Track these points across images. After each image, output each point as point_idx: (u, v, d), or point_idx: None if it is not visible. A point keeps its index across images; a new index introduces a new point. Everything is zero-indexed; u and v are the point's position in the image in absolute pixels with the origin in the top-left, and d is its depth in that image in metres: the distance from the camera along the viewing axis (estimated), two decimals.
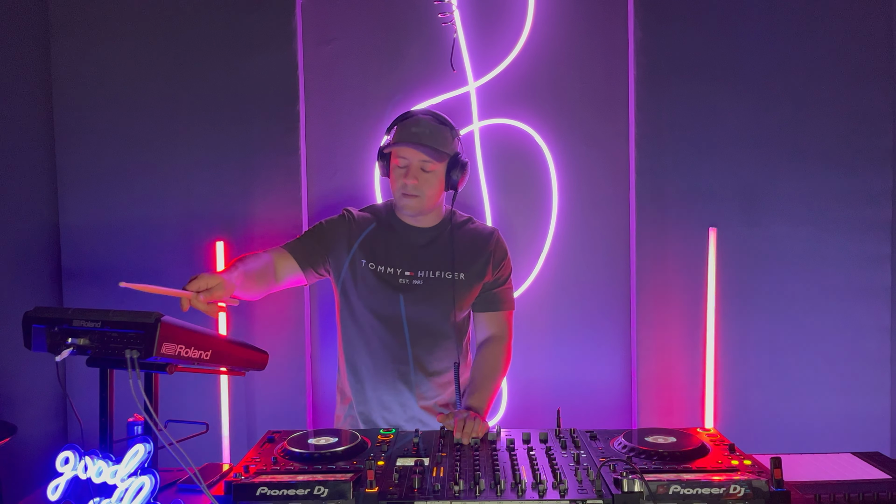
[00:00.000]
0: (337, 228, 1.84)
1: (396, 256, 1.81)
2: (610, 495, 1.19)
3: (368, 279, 1.79)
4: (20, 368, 2.34)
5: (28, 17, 2.49)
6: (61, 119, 2.55)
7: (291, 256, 1.78)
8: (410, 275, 1.79)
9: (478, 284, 1.84)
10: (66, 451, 1.23)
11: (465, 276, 1.81)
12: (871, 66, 2.50)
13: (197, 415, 2.50)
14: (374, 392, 1.82)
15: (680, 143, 2.52)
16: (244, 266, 1.60)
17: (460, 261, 1.81)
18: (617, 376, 2.63)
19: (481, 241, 1.85)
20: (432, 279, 1.80)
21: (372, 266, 1.79)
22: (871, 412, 2.53)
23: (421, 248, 1.83)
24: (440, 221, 1.86)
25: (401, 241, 1.83)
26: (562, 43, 2.57)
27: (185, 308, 1.38)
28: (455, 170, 1.78)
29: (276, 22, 2.52)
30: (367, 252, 1.81)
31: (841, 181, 2.51)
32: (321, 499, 1.19)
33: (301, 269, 1.78)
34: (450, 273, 1.80)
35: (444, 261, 1.81)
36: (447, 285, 1.80)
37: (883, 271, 2.52)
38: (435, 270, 1.80)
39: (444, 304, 1.80)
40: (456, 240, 1.83)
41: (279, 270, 1.75)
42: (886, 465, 1.46)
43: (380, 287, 1.78)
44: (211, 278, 1.40)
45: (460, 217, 1.90)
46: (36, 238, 2.51)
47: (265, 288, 1.72)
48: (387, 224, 1.86)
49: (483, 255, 1.84)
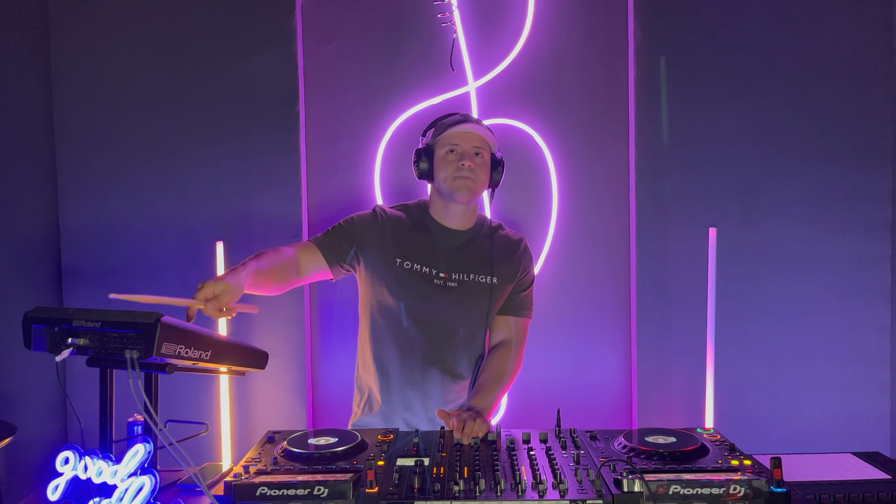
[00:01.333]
0: (368, 225, 1.83)
1: (431, 256, 1.80)
2: (610, 495, 1.19)
3: (402, 277, 1.78)
4: (20, 368, 2.34)
5: (28, 17, 2.49)
6: (61, 119, 2.55)
7: (318, 251, 1.77)
8: (445, 276, 1.79)
9: (507, 290, 1.86)
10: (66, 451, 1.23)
11: (497, 280, 1.82)
12: (871, 66, 2.50)
13: (197, 415, 2.50)
14: (399, 391, 1.81)
15: (680, 143, 2.52)
16: (257, 264, 1.59)
17: (494, 265, 1.83)
18: (617, 376, 2.63)
19: (512, 247, 1.88)
20: (467, 282, 1.80)
21: (408, 265, 1.78)
22: (871, 412, 2.53)
23: (456, 251, 1.83)
24: (474, 225, 1.87)
25: (435, 241, 1.83)
26: (562, 43, 2.57)
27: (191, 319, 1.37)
28: (498, 165, 1.83)
29: (276, 22, 2.52)
30: (402, 250, 1.80)
31: (841, 181, 2.51)
32: (321, 499, 1.19)
33: (328, 265, 1.78)
34: (484, 277, 1.81)
35: (479, 264, 1.82)
36: (482, 289, 1.80)
37: (883, 271, 2.52)
38: (470, 273, 1.81)
39: (477, 307, 1.80)
40: (489, 244, 1.85)
41: (303, 265, 1.74)
42: (886, 465, 1.46)
43: (414, 286, 1.77)
44: (217, 285, 1.40)
45: (491, 222, 1.91)
46: (36, 238, 2.51)
47: (286, 283, 1.71)
48: (420, 223, 1.85)
49: (514, 262, 1.87)
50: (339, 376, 2.62)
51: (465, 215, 1.84)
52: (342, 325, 2.62)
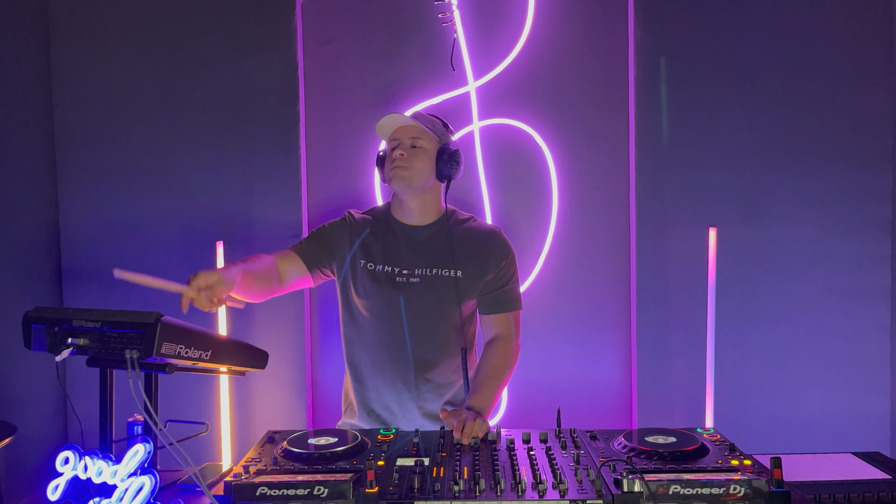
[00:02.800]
0: (339, 230, 1.87)
1: (393, 255, 1.82)
2: (610, 495, 1.19)
3: (367, 279, 1.80)
4: (20, 368, 2.34)
5: (28, 17, 2.49)
6: (61, 119, 2.55)
7: (299, 258, 1.80)
8: (408, 273, 1.80)
9: (478, 282, 1.83)
10: (66, 451, 1.23)
11: (462, 272, 1.81)
12: (871, 66, 2.50)
13: (197, 415, 2.50)
14: (375, 393, 1.82)
15: (680, 143, 2.52)
16: (245, 265, 1.62)
17: (458, 257, 1.81)
18: (617, 376, 2.63)
19: (481, 239, 1.86)
20: (429, 276, 1.80)
21: (371, 266, 1.80)
22: (871, 412, 2.53)
23: (418, 246, 1.83)
24: (437, 219, 1.87)
25: (398, 240, 1.84)
26: (562, 43, 2.57)
27: (185, 309, 1.38)
28: (445, 154, 1.80)
29: (276, 22, 2.52)
30: (366, 252, 1.82)
31: (841, 181, 2.51)
32: (321, 499, 1.19)
33: (308, 271, 1.81)
34: (447, 270, 1.80)
35: (441, 257, 1.81)
36: (445, 282, 1.80)
37: (883, 271, 2.52)
38: (432, 268, 1.81)
39: (443, 301, 1.80)
40: (453, 236, 1.84)
41: (284, 272, 1.77)
42: (886, 465, 1.46)
43: (378, 286, 1.79)
44: (210, 275, 1.42)
45: (461, 215, 1.91)
46: (36, 238, 2.51)
47: (268, 290, 1.73)
48: (384, 224, 1.87)
49: (482, 253, 1.84)
50: (339, 376, 2.62)
51: (424, 210, 1.85)
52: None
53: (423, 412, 1.83)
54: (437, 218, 1.87)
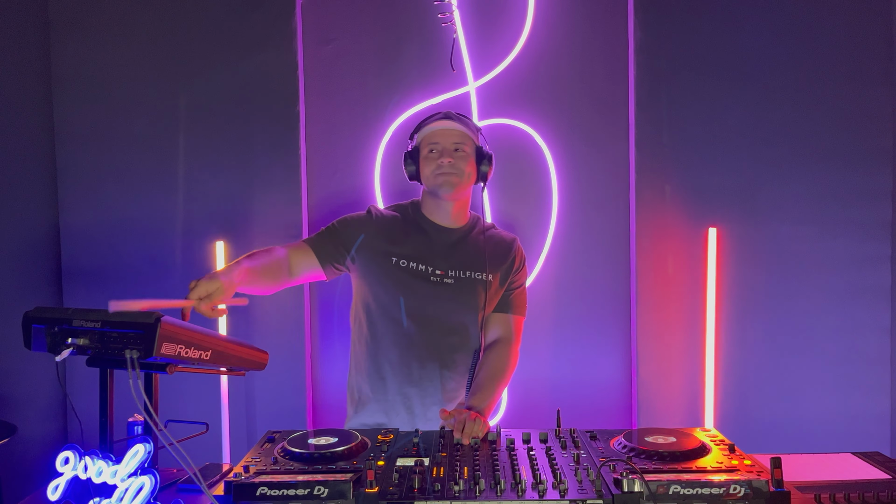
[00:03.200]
0: (361, 226, 1.84)
1: (426, 254, 1.81)
2: (610, 495, 1.19)
3: (398, 275, 1.78)
4: (20, 368, 2.34)
5: (28, 17, 2.49)
6: (61, 119, 2.55)
7: (312, 252, 1.78)
8: (441, 273, 1.80)
9: (502, 288, 1.87)
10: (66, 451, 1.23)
11: (492, 277, 1.84)
12: (871, 66, 2.50)
13: (197, 415, 2.49)
14: (398, 389, 1.81)
15: (680, 143, 2.52)
16: (251, 262, 1.60)
17: (488, 262, 1.84)
18: (617, 376, 2.63)
19: (505, 247, 1.90)
20: (463, 278, 1.81)
21: (403, 263, 1.79)
22: (871, 412, 2.53)
23: (450, 247, 1.84)
24: (467, 223, 1.89)
25: (430, 239, 1.84)
26: (562, 43, 2.57)
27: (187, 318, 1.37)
28: (484, 159, 1.84)
29: (276, 22, 2.52)
30: (397, 249, 1.81)
31: (841, 181, 2.51)
32: (321, 499, 1.19)
33: (321, 265, 1.79)
34: (479, 273, 1.82)
35: (474, 261, 1.83)
36: (477, 285, 1.82)
37: (883, 271, 2.52)
38: (466, 270, 1.82)
39: (472, 302, 1.82)
40: (483, 241, 1.86)
41: (295, 265, 1.75)
42: (886, 465, 1.46)
43: (411, 283, 1.78)
44: (209, 283, 1.40)
45: (485, 222, 1.94)
46: (36, 238, 2.51)
47: (277, 283, 1.71)
48: (414, 222, 1.87)
49: (507, 260, 1.87)
50: (339, 376, 2.62)
51: (457, 212, 1.86)
52: (342, 325, 2.62)
53: None
54: (467, 221, 1.90)
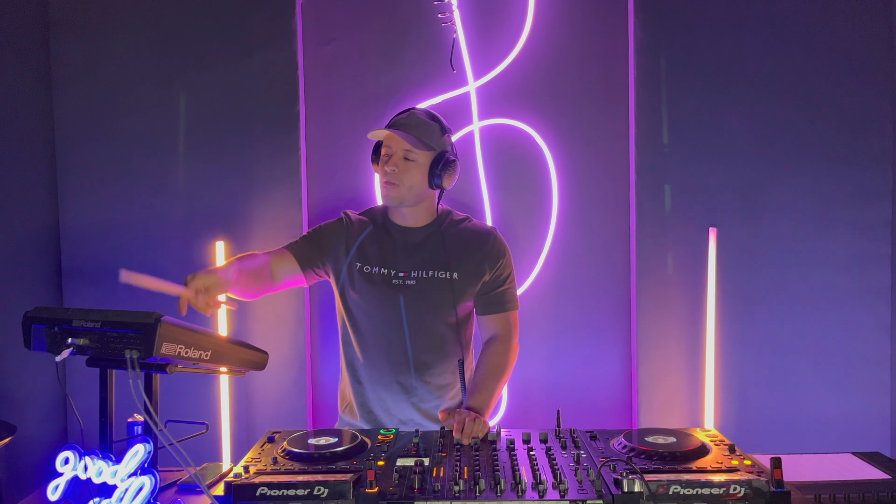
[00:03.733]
0: (335, 231, 1.86)
1: (390, 258, 1.81)
2: (610, 495, 1.19)
3: (363, 282, 1.80)
4: (20, 368, 2.34)
5: (28, 16, 2.49)
6: (61, 119, 2.55)
7: (293, 257, 1.80)
8: (404, 275, 1.80)
9: (475, 284, 1.83)
10: (66, 451, 1.23)
11: (458, 274, 1.81)
12: (871, 66, 2.50)
13: (197, 415, 2.50)
14: (374, 394, 1.83)
15: (680, 143, 2.52)
16: (240, 264, 1.63)
17: (453, 259, 1.81)
18: (617, 376, 2.63)
19: (477, 240, 1.85)
20: (425, 279, 1.80)
21: (367, 269, 1.81)
22: (871, 412, 2.53)
23: (413, 248, 1.83)
24: (432, 221, 1.86)
25: (394, 242, 1.84)
26: (562, 43, 2.57)
27: (183, 311, 1.38)
28: (439, 166, 1.77)
29: (276, 22, 2.52)
30: (362, 255, 1.82)
31: (841, 181, 2.51)
32: (321, 499, 1.19)
33: (301, 270, 1.81)
34: (443, 272, 1.80)
35: (436, 260, 1.81)
36: (441, 284, 1.80)
37: (883, 271, 2.52)
38: (428, 270, 1.81)
39: (439, 303, 1.80)
40: (448, 238, 1.83)
41: (276, 271, 1.77)
42: (886, 465, 1.46)
43: (375, 289, 1.79)
44: (207, 277, 1.42)
45: (456, 216, 1.90)
46: (36, 238, 2.51)
47: (260, 288, 1.74)
48: (381, 226, 1.87)
49: (478, 254, 1.83)
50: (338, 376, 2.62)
51: (418, 213, 1.84)
52: None
53: (423, 413, 1.83)
54: (431, 220, 1.87)
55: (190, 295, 1.39)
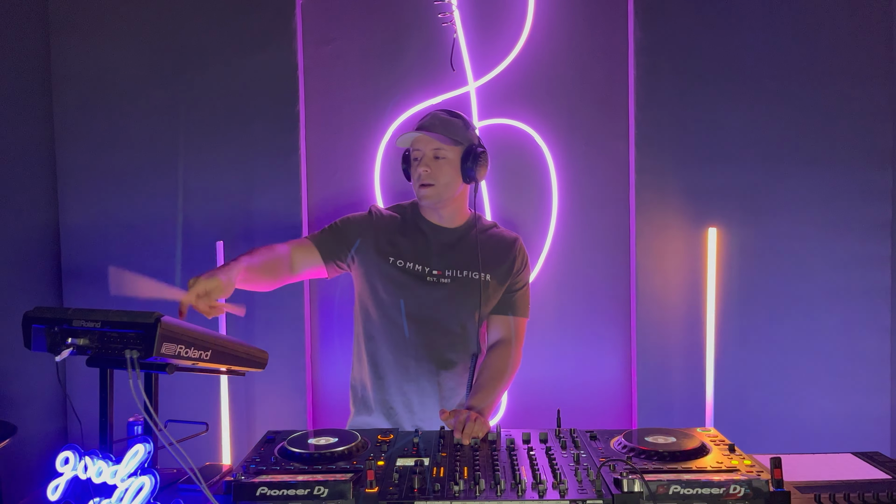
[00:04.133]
0: (363, 225, 1.86)
1: (424, 254, 1.83)
2: (610, 495, 1.19)
3: (396, 275, 1.80)
4: (20, 368, 2.34)
5: (28, 17, 2.49)
6: (61, 119, 2.55)
7: (315, 248, 1.80)
8: (438, 273, 1.81)
9: (501, 288, 1.86)
10: (66, 451, 1.23)
11: (490, 277, 1.83)
12: (871, 66, 2.50)
13: (197, 415, 2.49)
14: (396, 388, 1.82)
15: (680, 143, 2.52)
16: (250, 259, 1.61)
17: (486, 262, 1.83)
18: (617, 376, 2.63)
19: (506, 246, 1.88)
20: (460, 278, 1.81)
21: (400, 263, 1.81)
22: (871, 412, 2.53)
23: (448, 248, 1.84)
24: (465, 223, 1.89)
25: (428, 240, 1.85)
26: (562, 43, 2.57)
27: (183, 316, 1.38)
28: (470, 159, 1.80)
29: (276, 22, 2.52)
30: (395, 249, 1.82)
31: (841, 181, 2.51)
32: (321, 499, 1.19)
33: (323, 262, 1.81)
34: (477, 273, 1.82)
35: (471, 261, 1.83)
36: (474, 285, 1.81)
37: (883, 271, 2.52)
38: (463, 270, 1.82)
39: (469, 302, 1.81)
40: (482, 241, 1.85)
41: (297, 262, 1.77)
42: (886, 465, 1.46)
43: (408, 283, 1.79)
44: (208, 282, 1.42)
45: (486, 222, 1.93)
46: (36, 238, 2.51)
47: (277, 279, 1.74)
48: (413, 223, 1.88)
49: (507, 260, 1.86)
50: (339, 376, 2.62)
51: (450, 214, 1.86)
52: (342, 325, 2.62)
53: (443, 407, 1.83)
54: (465, 221, 1.89)
55: (191, 300, 1.39)
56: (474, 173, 1.81)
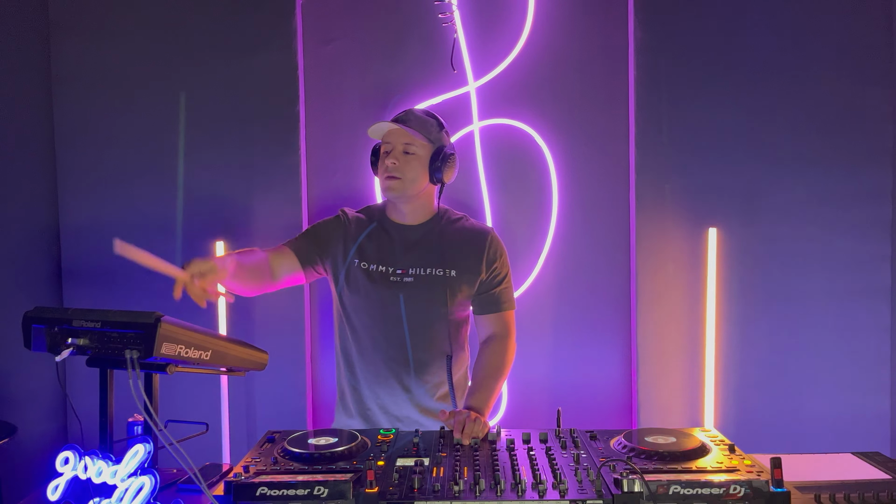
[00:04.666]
0: (333, 229, 1.87)
1: (388, 255, 1.82)
2: (610, 495, 1.19)
3: (362, 278, 1.80)
4: (20, 368, 2.34)
5: (28, 17, 2.49)
6: (61, 119, 2.55)
7: (293, 254, 1.81)
8: (402, 272, 1.80)
9: (472, 282, 1.83)
10: (66, 451, 1.23)
11: (455, 272, 1.81)
12: (871, 66, 2.50)
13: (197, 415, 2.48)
14: (369, 389, 1.83)
15: (680, 143, 2.52)
16: (240, 257, 1.64)
17: (451, 257, 1.82)
18: (617, 376, 2.63)
19: (474, 239, 1.86)
20: (423, 276, 1.80)
21: (364, 265, 1.81)
22: (871, 412, 2.53)
23: (411, 245, 1.83)
24: (430, 219, 1.87)
25: (392, 239, 1.84)
26: (562, 43, 2.57)
27: (178, 295, 1.39)
28: (439, 159, 1.78)
29: (276, 22, 2.52)
30: (361, 252, 1.83)
31: (841, 181, 2.51)
32: (321, 499, 1.19)
33: (301, 267, 1.81)
34: (440, 269, 1.81)
35: (434, 257, 1.81)
36: (439, 281, 1.80)
37: (883, 271, 2.52)
38: (426, 267, 1.81)
39: (437, 301, 1.80)
40: (446, 236, 1.84)
41: (277, 268, 1.78)
42: (886, 465, 1.46)
43: (373, 286, 1.79)
44: (204, 263, 1.43)
45: (454, 215, 1.91)
46: (36, 238, 2.51)
47: (260, 284, 1.74)
48: (379, 224, 1.88)
49: (475, 253, 1.84)
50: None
51: (417, 210, 1.84)
52: None
53: (421, 410, 1.83)
54: (429, 218, 1.87)
55: (186, 278, 1.39)
56: (441, 174, 1.80)
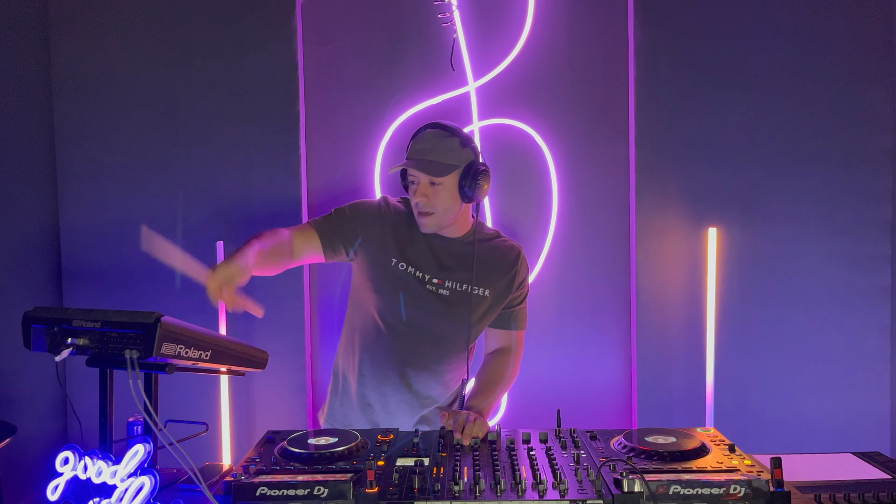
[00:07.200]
0: (373, 217, 1.80)
1: (425, 261, 1.78)
2: (610, 495, 1.19)
3: (396, 278, 1.76)
4: (20, 368, 2.34)
5: (28, 17, 2.49)
6: (61, 119, 2.55)
7: (316, 235, 1.76)
8: (438, 283, 1.77)
9: (501, 303, 1.82)
10: (66, 451, 1.23)
11: (489, 292, 1.79)
12: (871, 66, 2.50)
13: (197, 415, 2.49)
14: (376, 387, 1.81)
15: (680, 143, 2.52)
16: (260, 244, 1.59)
17: (486, 277, 1.79)
18: (617, 376, 2.63)
19: (508, 259, 1.83)
20: (460, 292, 1.77)
21: (402, 266, 1.76)
22: (871, 412, 2.53)
23: (449, 258, 1.79)
24: (467, 232, 1.83)
25: (432, 246, 1.79)
26: (562, 43, 2.57)
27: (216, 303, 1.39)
28: (468, 180, 1.72)
29: (276, 22, 2.52)
30: (399, 250, 1.77)
31: (841, 181, 2.51)
32: (321, 499, 1.19)
33: (322, 250, 1.76)
34: (477, 289, 1.78)
35: (471, 275, 1.78)
36: (473, 300, 1.77)
37: (883, 271, 2.52)
38: (463, 283, 1.78)
39: (464, 317, 1.77)
40: (482, 253, 1.80)
41: (298, 247, 1.73)
42: (886, 465, 1.46)
43: (406, 288, 1.76)
44: (227, 268, 1.42)
45: (487, 231, 1.87)
46: (36, 238, 2.51)
47: (280, 264, 1.71)
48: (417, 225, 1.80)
49: (508, 274, 1.82)
50: None
51: (454, 225, 1.80)
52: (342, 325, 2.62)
53: (421, 418, 1.83)
54: (468, 230, 1.83)
55: (214, 288, 1.39)
56: (472, 193, 1.73)
